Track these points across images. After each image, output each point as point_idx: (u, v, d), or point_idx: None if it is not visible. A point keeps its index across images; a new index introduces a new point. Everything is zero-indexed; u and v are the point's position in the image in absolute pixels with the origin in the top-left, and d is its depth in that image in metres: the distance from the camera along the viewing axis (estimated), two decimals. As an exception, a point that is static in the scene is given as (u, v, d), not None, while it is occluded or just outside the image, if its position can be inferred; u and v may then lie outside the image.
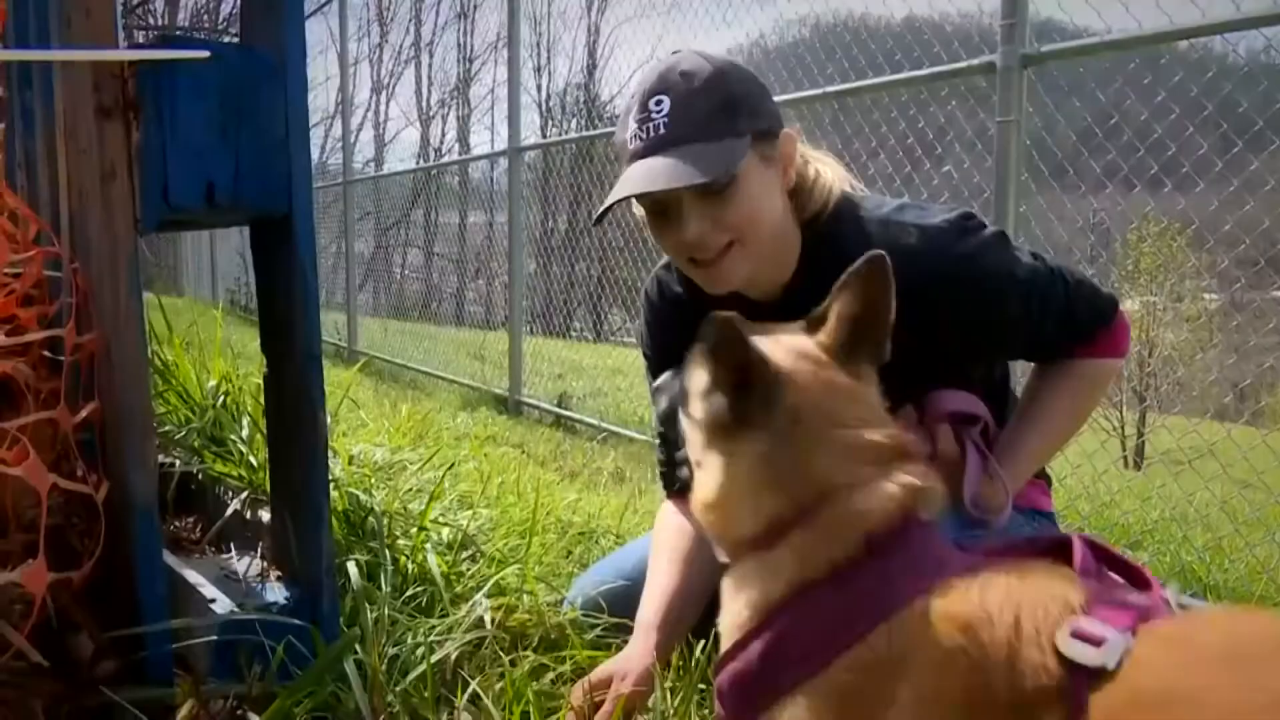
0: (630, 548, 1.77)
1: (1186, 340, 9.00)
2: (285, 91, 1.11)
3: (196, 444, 1.82)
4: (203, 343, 2.42)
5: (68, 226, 1.15)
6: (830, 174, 1.32)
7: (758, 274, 1.29)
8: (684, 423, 1.01)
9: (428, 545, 1.60)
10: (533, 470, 3.13)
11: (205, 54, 0.97)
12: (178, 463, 1.74)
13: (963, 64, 2.57)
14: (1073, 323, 1.30)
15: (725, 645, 0.92)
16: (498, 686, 1.29)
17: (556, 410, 4.86)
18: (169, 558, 1.29)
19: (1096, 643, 0.69)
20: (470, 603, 1.45)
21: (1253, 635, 0.69)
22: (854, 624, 0.80)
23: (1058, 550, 0.85)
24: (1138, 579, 0.82)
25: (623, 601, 1.55)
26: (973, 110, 3.06)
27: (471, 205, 8.58)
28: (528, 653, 1.38)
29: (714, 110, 1.18)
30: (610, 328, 9.32)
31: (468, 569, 1.65)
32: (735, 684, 0.88)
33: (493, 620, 1.44)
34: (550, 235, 7.00)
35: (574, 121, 15.23)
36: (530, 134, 13.38)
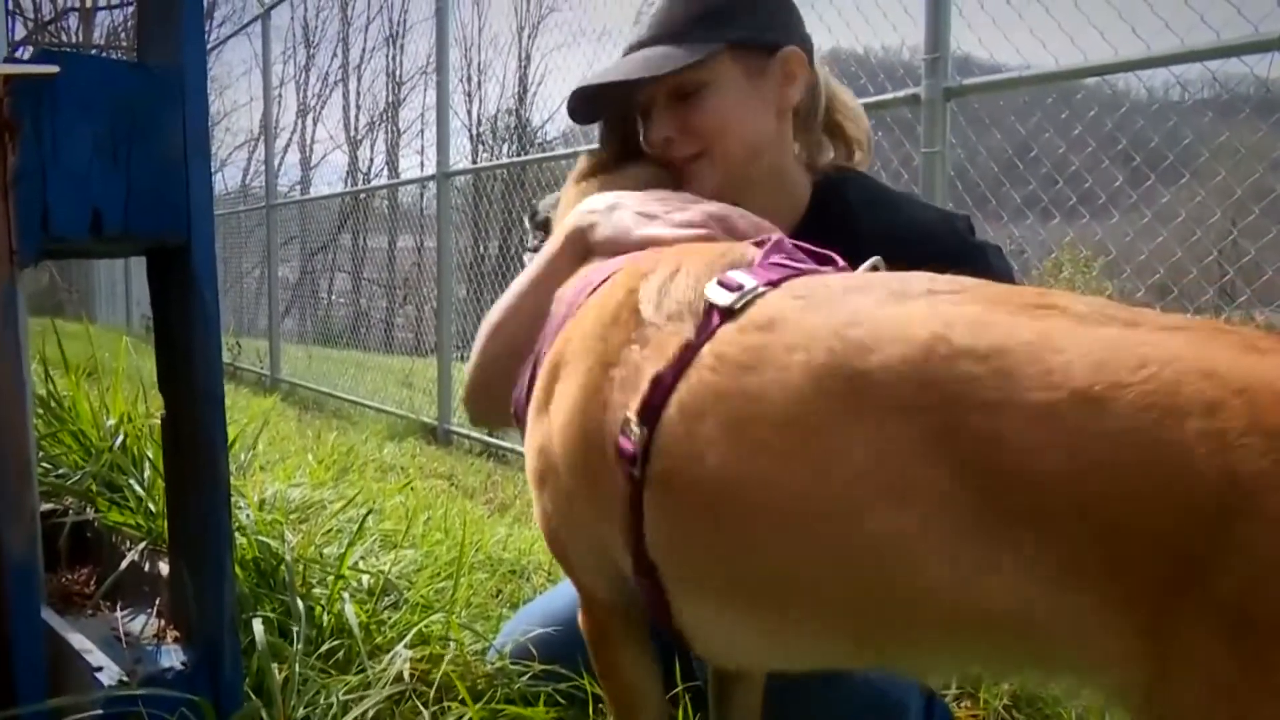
0: (562, 588, 1.70)
1: (1102, 363, 9.32)
2: (184, 112, 1.03)
3: (92, 489, 1.68)
4: (109, 375, 2.27)
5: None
6: (855, 129, 1.29)
7: (742, 199, 1.16)
8: None
9: (345, 594, 1.50)
10: (461, 504, 3.03)
11: (54, 69, 0.88)
12: (71, 511, 1.61)
13: (889, 95, 2.61)
14: None
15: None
16: (418, 746, 1.21)
17: (487, 439, 4.74)
18: (53, 619, 1.18)
19: (735, 289, 0.80)
20: (390, 654, 1.36)
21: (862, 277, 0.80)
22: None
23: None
24: (829, 262, 0.91)
25: (553, 647, 1.48)
26: (899, 141, 3.11)
27: (401, 230, 8.40)
28: (452, 704, 1.30)
29: (693, 16, 1.15)
30: (544, 354, 9.19)
31: (389, 617, 1.56)
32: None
33: (413, 673, 1.36)
34: (482, 261, 6.88)
35: (506, 147, 15.15)
36: (461, 159, 13.24)
